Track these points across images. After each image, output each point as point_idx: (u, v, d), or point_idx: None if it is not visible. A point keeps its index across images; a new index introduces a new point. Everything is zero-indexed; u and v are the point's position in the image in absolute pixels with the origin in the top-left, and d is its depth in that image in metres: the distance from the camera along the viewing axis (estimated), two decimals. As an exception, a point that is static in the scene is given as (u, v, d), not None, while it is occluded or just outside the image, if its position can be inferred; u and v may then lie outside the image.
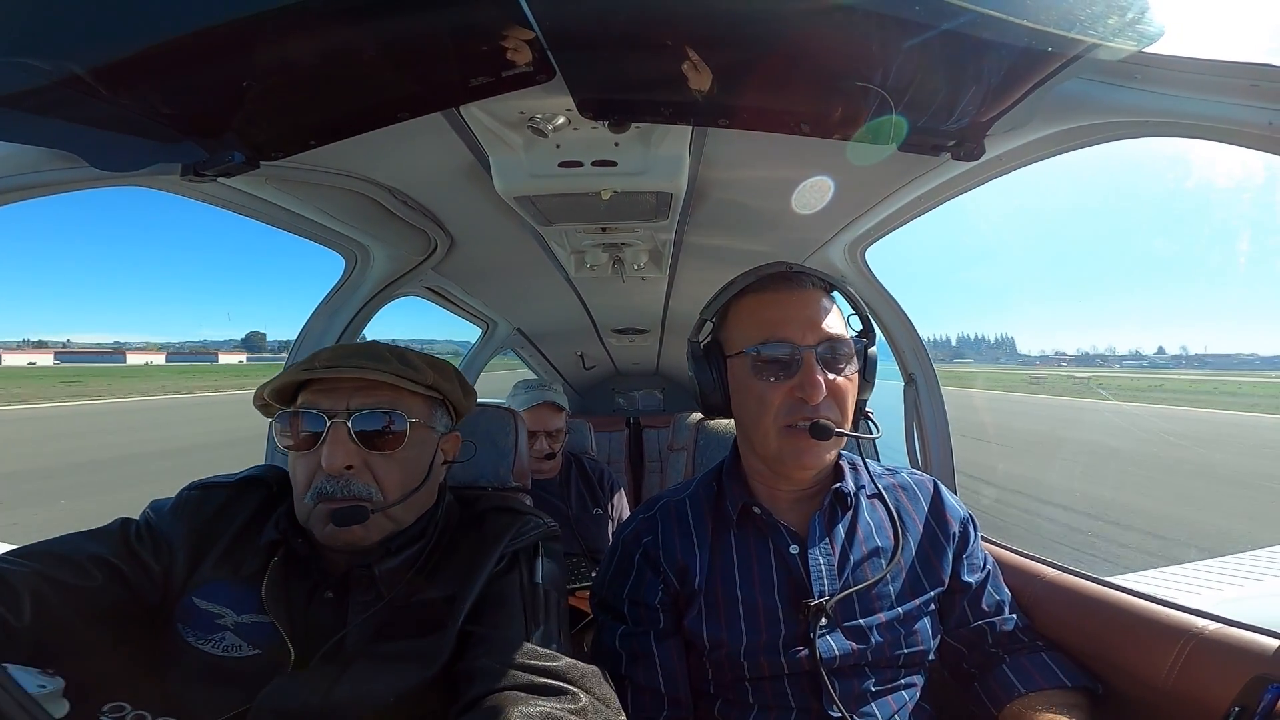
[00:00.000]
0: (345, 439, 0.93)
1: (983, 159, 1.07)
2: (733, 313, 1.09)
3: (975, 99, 0.93)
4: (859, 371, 1.06)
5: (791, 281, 1.06)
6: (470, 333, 3.52)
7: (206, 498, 1.01)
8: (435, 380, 1.05)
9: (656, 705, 1.02)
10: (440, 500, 1.09)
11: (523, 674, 0.85)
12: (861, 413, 1.10)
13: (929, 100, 0.94)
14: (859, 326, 1.13)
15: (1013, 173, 1.23)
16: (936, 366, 1.93)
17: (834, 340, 1.01)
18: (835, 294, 1.10)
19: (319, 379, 0.98)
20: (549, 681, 0.84)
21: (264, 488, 1.06)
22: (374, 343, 1.05)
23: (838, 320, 1.05)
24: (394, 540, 0.98)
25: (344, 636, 0.91)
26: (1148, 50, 0.77)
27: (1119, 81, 0.89)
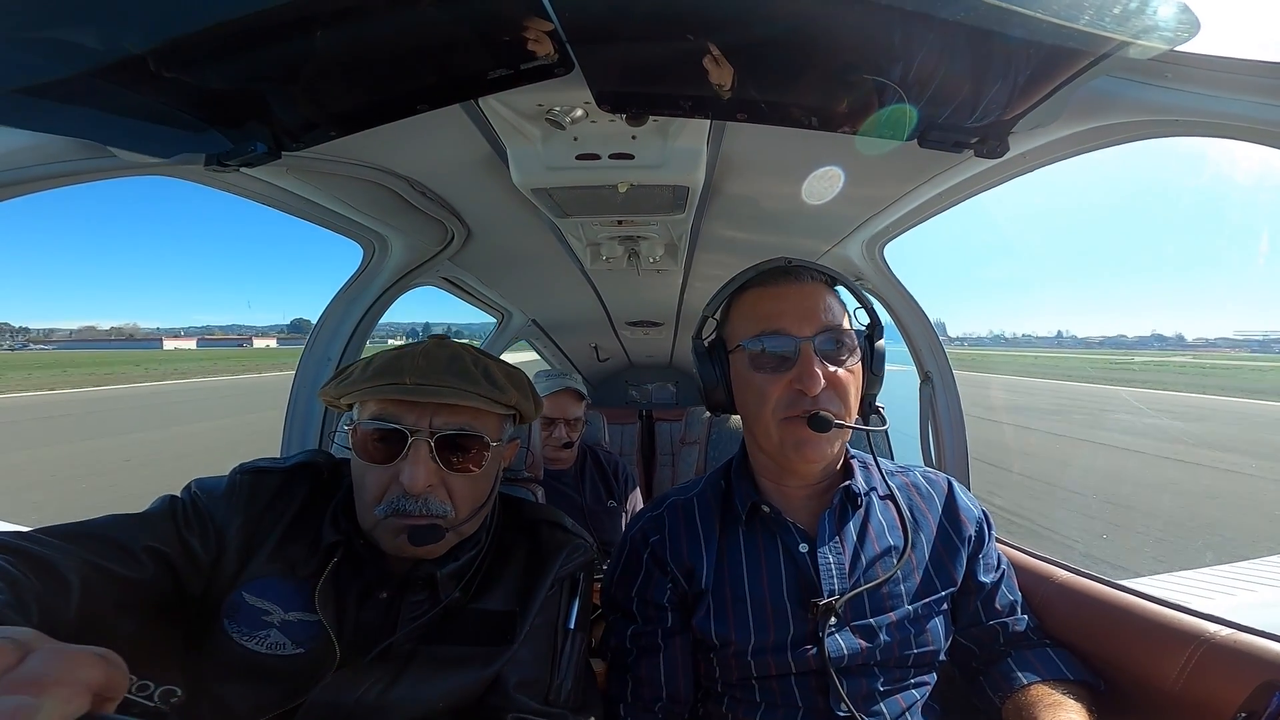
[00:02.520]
0: (427, 458, 0.91)
1: (1006, 156, 1.05)
2: (734, 309, 1.09)
3: (1001, 95, 0.91)
4: (866, 365, 1.05)
5: (790, 275, 1.05)
6: (473, 314, 3.53)
7: (259, 484, 0.97)
8: (517, 400, 1.02)
9: (655, 697, 1.04)
10: (495, 508, 1.09)
11: None
12: (871, 407, 1.09)
13: (953, 96, 0.92)
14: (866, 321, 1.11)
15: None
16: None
17: (834, 331, 1.00)
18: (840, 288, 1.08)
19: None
20: None
21: (314, 474, 1.02)
22: (461, 355, 0.99)
23: (839, 312, 1.04)
24: (458, 548, 0.99)
25: (395, 637, 0.91)
26: (1179, 49, 0.75)
27: (1149, 80, 0.87)
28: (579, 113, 1.17)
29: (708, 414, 1.92)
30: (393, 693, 0.87)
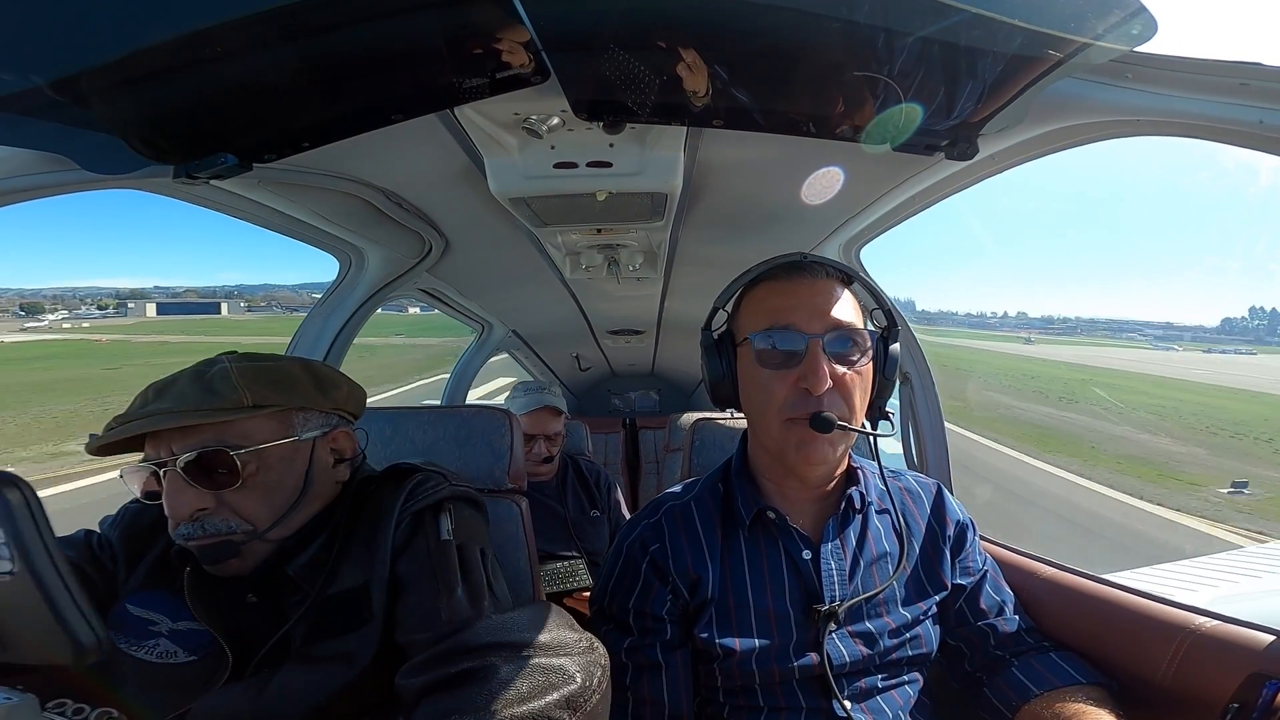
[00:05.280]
0: (182, 486, 0.88)
1: (976, 158, 1.07)
2: (745, 301, 1.07)
3: (968, 99, 0.93)
4: (879, 369, 1.03)
5: (804, 270, 1.02)
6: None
7: (145, 509, 1.00)
8: (256, 399, 0.91)
9: (658, 716, 1.00)
10: (345, 494, 1.03)
11: (438, 662, 0.82)
12: (881, 414, 1.06)
13: (922, 100, 0.94)
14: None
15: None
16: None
17: (844, 329, 0.97)
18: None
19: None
20: (465, 666, 0.80)
21: None
22: (204, 371, 0.93)
23: (853, 311, 1.00)
24: (289, 541, 0.95)
25: (287, 640, 0.91)
26: (1139, 50, 0.78)
27: (1111, 81, 0.89)
28: (556, 121, 1.17)
29: (690, 420, 1.93)
30: (263, 699, 0.85)
